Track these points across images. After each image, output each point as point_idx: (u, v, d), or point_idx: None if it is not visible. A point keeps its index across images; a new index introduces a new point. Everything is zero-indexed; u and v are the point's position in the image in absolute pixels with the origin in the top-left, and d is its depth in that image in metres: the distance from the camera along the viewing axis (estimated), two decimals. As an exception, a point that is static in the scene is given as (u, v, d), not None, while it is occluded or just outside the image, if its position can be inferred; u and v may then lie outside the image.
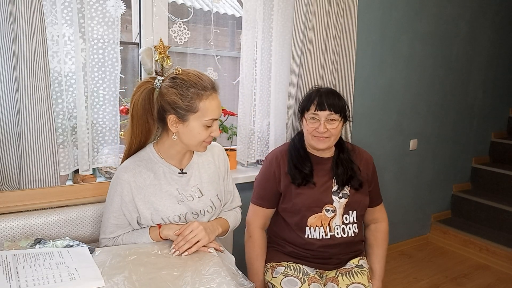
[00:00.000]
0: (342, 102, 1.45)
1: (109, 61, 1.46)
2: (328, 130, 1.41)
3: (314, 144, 1.45)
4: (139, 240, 1.20)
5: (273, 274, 1.45)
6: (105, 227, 1.21)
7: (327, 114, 1.41)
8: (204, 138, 1.14)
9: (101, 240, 1.24)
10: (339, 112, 1.43)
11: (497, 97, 3.31)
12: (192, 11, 1.66)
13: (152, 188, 1.18)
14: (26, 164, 1.31)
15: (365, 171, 1.52)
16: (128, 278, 0.96)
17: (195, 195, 1.23)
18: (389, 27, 2.42)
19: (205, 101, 1.10)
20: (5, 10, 1.21)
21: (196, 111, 1.10)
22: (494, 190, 3.15)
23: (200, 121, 1.11)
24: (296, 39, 1.88)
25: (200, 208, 1.24)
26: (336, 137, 1.45)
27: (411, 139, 2.75)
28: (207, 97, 1.10)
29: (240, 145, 1.86)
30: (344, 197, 1.45)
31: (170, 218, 1.19)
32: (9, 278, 0.89)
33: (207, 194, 1.26)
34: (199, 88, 1.10)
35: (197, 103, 1.09)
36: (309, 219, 1.44)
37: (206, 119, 1.11)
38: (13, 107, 1.28)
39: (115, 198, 1.18)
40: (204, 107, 1.10)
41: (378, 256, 1.56)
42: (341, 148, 1.53)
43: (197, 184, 1.25)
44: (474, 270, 2.61)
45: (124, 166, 1.19)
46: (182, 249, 1.12)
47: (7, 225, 1.21)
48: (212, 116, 1.12)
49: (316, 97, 1.44)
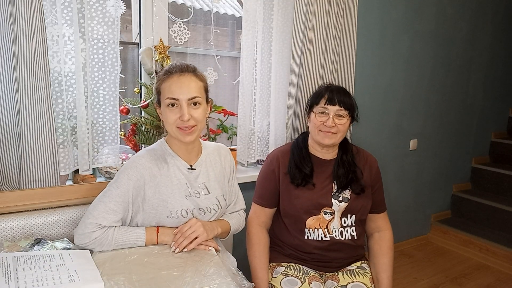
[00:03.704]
0: (351, 100, 1.46)
1: (109, 61, 1.46)
2: (336, 125, 1.41)
3: (319, 139, 1.44)
4: (131, 238, 1.14)
5: (273, 274, 1.45)
6: (98, 211, 1.11)
7: (337, 109, 1.42)
8: (172, 121, 1.14)
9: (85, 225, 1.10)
10: (348, 109, 1.43)
11: (497, 97, 3.31)
12: (192, 11, 1.66)
13: (164, 179, 1.19)
14: (26, 164, 1.31)
15: (368, 175, 1.50)
16: (128, 278, 0.96)
17: (202, 192, 1.25)
18: (389, 27, 2.42)
19: (165, 82, 1.16)
20: (5, 10, 1.21)
21: (160, 92, 1.17)
22: (494, 190, 3.15)
23: (163, 102, 1.16)
24: (296, 39, 1.88)
25: (206, 205, 1.25)
26: (342, 134, 1.45)
27: (411, 139, 2.75)
28: (169, 78, 1.15)
29: (240, 145, 1.86)
30: (344, 201, 1.44)
31: (178, 212, 1.19)
32: (8, 279, 0.89)
33: (214, 192, 1.27)
34: (165, 73, 1.17)
35: (160, 85, 1.17)
36: (307, 221, 1.44)
37: (165, 99, 1.15)
38: (13, 107, 1.28)
39: (125, 182, 1.14)
40: (164, 87, 1.16)
41: (384, 265, 1.46)
42: (345, 150, 1.52)
43: (205, 182, 1.26)
44: (474, 270, 2.61)
45: (141, 153, 1.22)
46: (181, 245, 1.13)
47: (7, 225, 1.21)
48: (169, 94, 1.13)
49: (326, 92, 1.45)
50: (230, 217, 1.36)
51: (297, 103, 1.96)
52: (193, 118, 1.14)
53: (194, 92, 1.14)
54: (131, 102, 1.63)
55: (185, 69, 1.16)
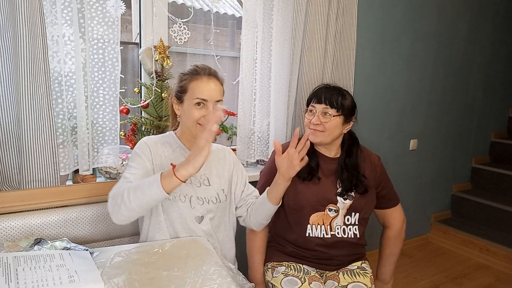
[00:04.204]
0: (344, 100, 1.43)
1: (109, 61, 1.46)
2: (321, 123, 1.41)
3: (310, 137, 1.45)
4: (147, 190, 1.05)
5: (273, 274, 1.45)
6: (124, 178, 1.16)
7: (323, 107, 1.41)
8: (196, 118, 1.22)
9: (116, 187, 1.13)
10: (335, 108, 1.41)
11: (497, 97, 3.31)
12: (192, 11, 1.66)
13: (167, 161, 1.26)
14: (26, 164, 1.31)
15: (372, 175, 1.50)
16: (128, 278, 0.96)
17: (203, 183, 1.31)
18: (389, 27, 2.42)
19: (194, 82, 1.23)
20: (5, 10, 1.21)
21: (187, 91, 1.24)
22: (494, 190, 3.15)
23: (190, 100, 1.23)
24: (296, 39, 1.88)
25: (205, 195, 1.30)
26: (330, 133, 1.42)
27: (411, 139, 2.75)
28: (196, 79, 1.24)
29: (240, 145, 1.86)
30: (349, 199, 1.45)
31: (176, 195, 1.25)
32: (8, 280, 0.89)
33: (214, 185, 1.33)
34: (192, 73, 1.26)
35: (187, 84, 1.25)
36: (311, 217, 1.44)
37: (193, 98, 1.22)
38: (13, 107, 1.28)
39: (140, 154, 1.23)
40: (192, 87, 1.23)
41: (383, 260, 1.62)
42: (350, 152, 1.50)
43: (206, 173, 1.32)
44: (474, 270, 2.61)
45: (147, 137, 1.32)
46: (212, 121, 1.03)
47: (7, 225, 1.21)
48: (199, 95, 1.21)
49: (318, 91, 1.46)
50: None
51: (297, 103, 1.96)
52: None
53: (220, 96, 1.26)
54: (131, 102, 1.63)
55: (213, 74, 1.26)
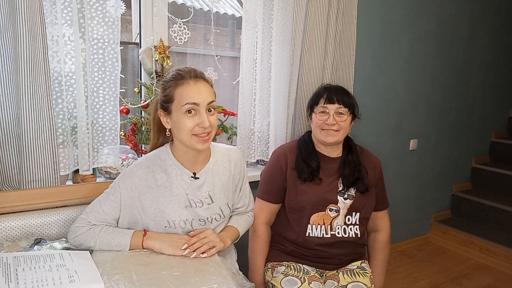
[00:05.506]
0: (350, 99, 1.48)
1: (109, 61, 1.46)
2: (337, 122, 1.42)
3: (322, 138, 1.45)
4: (116, 238, 1.12)
5: (273, 273, 1.45)
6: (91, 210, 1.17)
7: (336, 107, 1.44)
8: (190, 129, 1.09)
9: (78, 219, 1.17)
10: (348, 107, 1.45)
11: (497, 97, 3.31)
12: (192, 11, 1.66)
13: (162, 190, 1.17)
14: (26, 164, 1.31)
15: (373, 175, 1.52)
16: (128, 278, 0.96)
17: (205, 201, 1.21)
18: (389, 27, 2.42)
19: (180, 88, 1.10)
20: (5, 10, 1.21)
21: (173, 99, 1.11)
22: (494, 190, 3.15)
23: (179, 109, 1.10)
24: (296, 39, 1.88)
25: (208, 215, 1.22)
26: (344, 131, 1.46)
27: (411, 139, 2.75)
28: (182, 84, 1.10)
29: (240, 145, 1.86)
30: (349, 198, 1.45)
31: (175, 222, 1.18)
32: (8, 280, 0.89)
33: (218, 201, 1.24)
34: (176, 78, 1.12)
35: (173, 92, 1.11)
36: (312, 217, 1.45)
37: (182, 105, 1.09)
38: (13, 107, 1.28)
39: (121, 190, 1.15)
40: (179, 93, 1.10)
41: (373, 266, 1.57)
42: (350, 149, 1.53)
43: (209, 191, 1.22)
44: (474, 270, 2.61)
45: (140, 162, 1.19)
46: (200, 250, 1.11)
47: (7, 225, 1.21)
48: (188, 99, 1.08)
49: (325, 92, 1.48)
50: (239, 222, 1.34)
51: (297, 103, 1.96)
52: (211, 124, 1.12)
53: (212, 97, 1.13)
54: (131, 102, 1.63)
55: (199, 75, 1.13)
